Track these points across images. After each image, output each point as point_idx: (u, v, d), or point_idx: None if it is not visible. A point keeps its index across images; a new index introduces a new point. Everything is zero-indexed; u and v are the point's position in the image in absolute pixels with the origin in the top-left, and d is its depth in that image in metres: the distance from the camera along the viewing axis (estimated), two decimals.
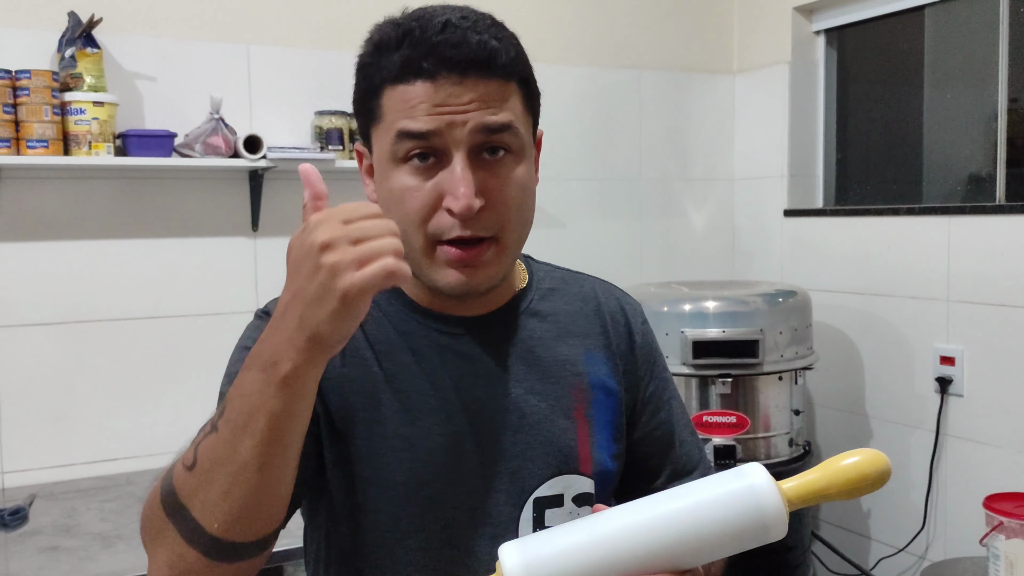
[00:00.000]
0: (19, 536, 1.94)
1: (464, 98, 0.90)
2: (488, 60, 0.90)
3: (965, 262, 2.50)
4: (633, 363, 1.09)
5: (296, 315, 0.73)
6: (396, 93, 0.92)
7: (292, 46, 2.58)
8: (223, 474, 0.76)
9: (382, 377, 0.98)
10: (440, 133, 0.90)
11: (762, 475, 0.80)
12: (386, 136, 0.93)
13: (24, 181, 2.28)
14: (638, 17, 3.13)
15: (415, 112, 0.90)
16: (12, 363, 2.28)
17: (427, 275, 0.95)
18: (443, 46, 0.89)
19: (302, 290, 0.73)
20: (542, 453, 0.99)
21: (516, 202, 0.94)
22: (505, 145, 0.93)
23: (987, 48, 2.59)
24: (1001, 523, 2.00)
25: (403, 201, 0.92)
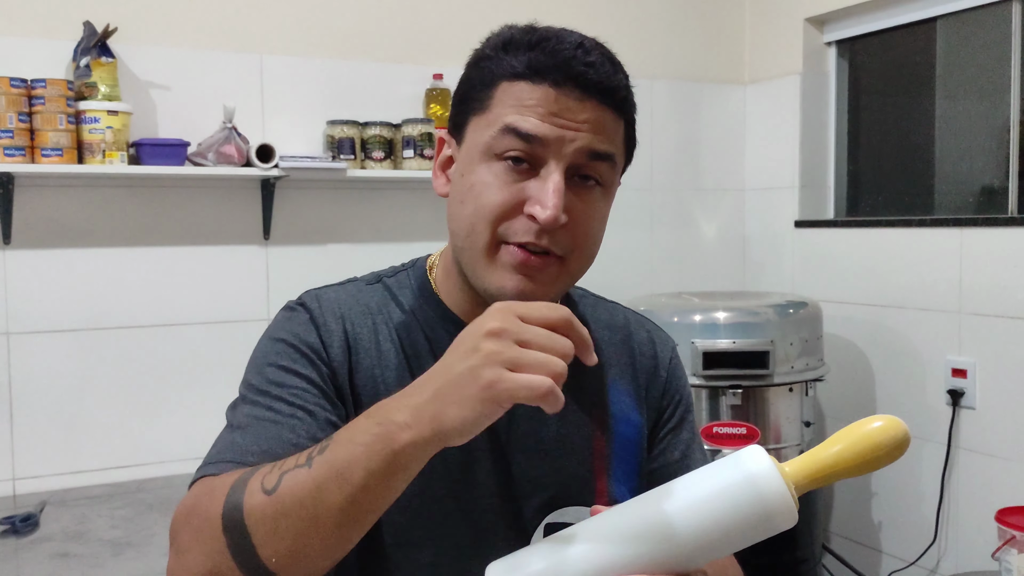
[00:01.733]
0: (30, 542, 1.94)
1: (580, 116, 0.89)
2: (613, 90, 0.91)
3: (977, 274, 2.49)
4: (656, 397, 1.07)
5: (434, 387, 0.72)
6: (514, 88, 0.90)
7: (305, 56, 2.60)
8: (301, 515, 0.73)
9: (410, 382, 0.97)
10: (546, 142, 0.88)
11: (762, 461, 0.71)
12: (488, 128, 0.91)
13: (38, 189, 2.30)
14: (650, 27, 3.14)
15: (528, 112, 0.89)
16: (24, 370, 2.30)
17: (482, 276, 0.92)
18: (576, 61, 0.89)
19: (451, 365, 0.72)
20: (556, 481, 0.97)
21: (593, 232, 0.93)
22: (599, 175, 0.92)
23: (999, 60, 2.58)
24: (1013, 537, 1.99)
25: (483, 194, 0.90)
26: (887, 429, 0.72)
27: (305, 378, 0.92)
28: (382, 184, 2.68)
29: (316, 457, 0.75)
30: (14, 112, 2.14)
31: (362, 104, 2.63)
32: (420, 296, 1.02)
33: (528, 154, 0.89)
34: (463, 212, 0.92)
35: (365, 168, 2.58)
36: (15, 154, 2.14)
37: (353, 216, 2.66)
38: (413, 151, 2.57)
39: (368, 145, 2.58)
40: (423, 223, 2.74)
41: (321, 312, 0.98)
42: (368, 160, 2.58)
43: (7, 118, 2.13)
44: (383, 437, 0.72)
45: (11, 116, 2.13)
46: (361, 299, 1.01)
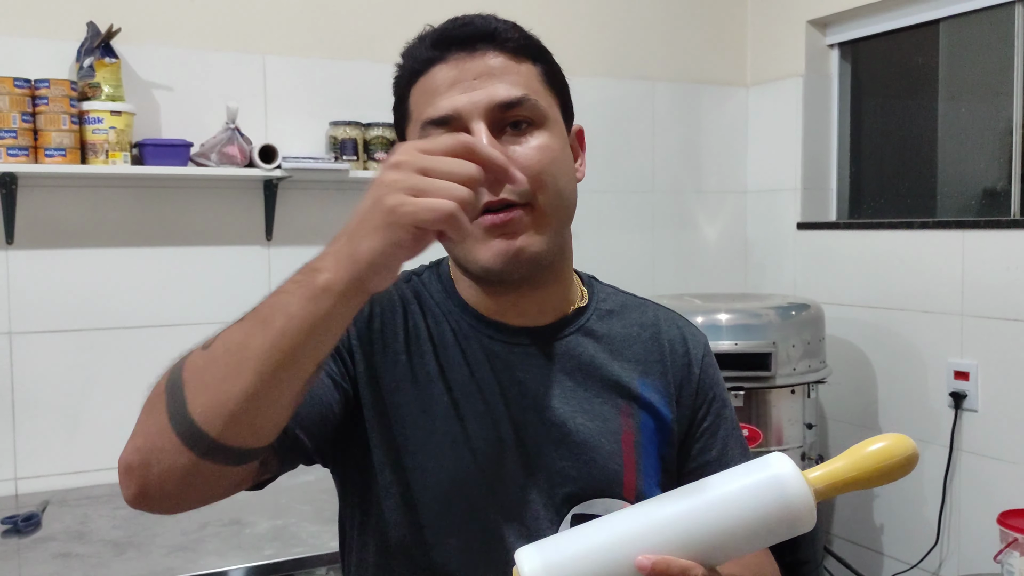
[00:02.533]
0: (32, 542, 1.95)
1: (475, 70, 0.93)
2: (494, 34, 0.95)
3: (979, 276, 2.49)
4: (690, 394, 1.07)
5: (348, 230, 0.74)
6: (418, 87, 0.96)
7: (308, 57, 2.60)
8: (226, 361, 0.75)
9: (437, 371, 0.98)
10: (458, 114, 0.91)
11: (787, 464, 0.77)
12: (414, 132, 0.96)
13: (41, 189, 2.30)
14: (652, 29, 3.14)
15: (435, 97, 0.93)
16: (27, 369, 2.30)
17: (471, 256, 0.94)
18: (451, 29, 0.95)
19: (360, 207, 0.74)
20: (584, 473, 0.98)
21: (544, 166, 0.93)
22: (525, 119, 0.94)
23: (1002, 62, 2.58)
24: (1016, 540, 1.98)
25: None
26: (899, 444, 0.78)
27: None
28: None
29: (249, 312, 0.77)
30: (17, 112, 2.14)
31: (365, 105, 2.63)
32: (445, 292, 1.04)
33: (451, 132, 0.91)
34: None
35: (368, 169, 2.58)
36: (18, 154, 2.15)
37: None
38: None
39: (371, 146, 2.58)
40: None
41: None
42: (371, 161, 2.59)
43: (11, 118, 2.13)
44: (303, 283, 0.73)
45: (15, 116, 2.14)
46: (393, 293, 1.03)
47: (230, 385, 0.74)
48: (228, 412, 0.74)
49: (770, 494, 0.76)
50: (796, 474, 0.76)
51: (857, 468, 0.77)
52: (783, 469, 0.76)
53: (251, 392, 0.73)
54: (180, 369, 0.77)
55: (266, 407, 0.75)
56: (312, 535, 1.95)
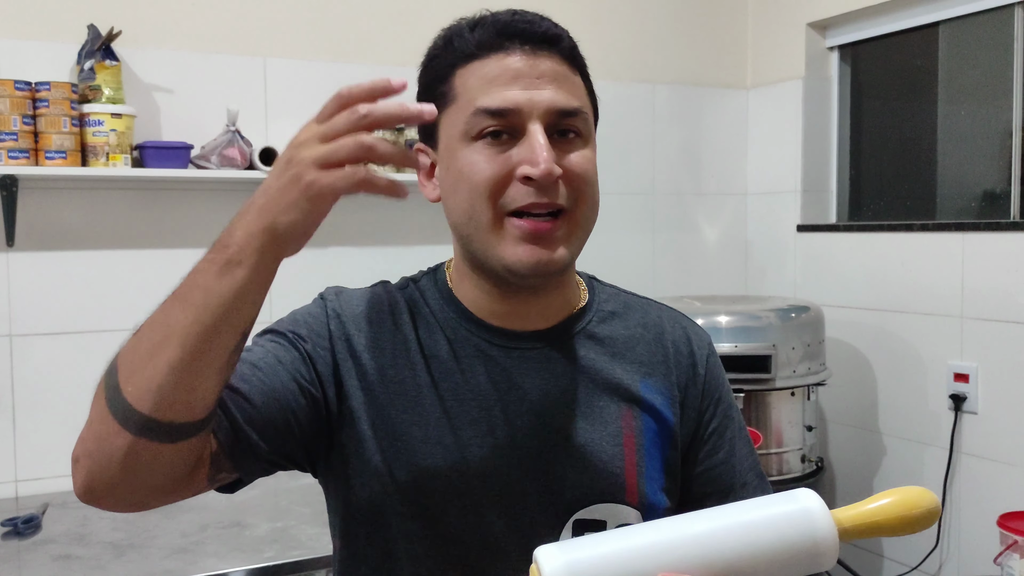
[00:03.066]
0: (32, 544, 1.95)
1: (536, 71, 0.92)
2: (557, 39, 0.95)
3: (979, 279, 2.49)
4: (695, 396, 1.06)
5: (258, 205, 0.76)
6: (470, 70, 0.94)
7: (308, 59, 2.60)
8: (151, 338, 0.77)
9: (428, 382, 0.97)
10: (517, 110, 0.90)
11: (815, 500, 0.78)
12: (459, 116, 0.93)
13: (42, 191, 2.30)
14: (652, 31, 3.14)
15: (491, 87, 0.91)
16: (27, 372, 2.30)
17: (495, 253, 0.93)
18: (516, 23, 0.94)
19: (269, 184, 0.76)
20: (586, 478, 0.97)
21: (589, 178, 0.95)
22: (576, 129, 0.94)
23: (1002, 64, 2.59)
24: (1016, 542, 1.99)
25: (473, 173, 0.92)
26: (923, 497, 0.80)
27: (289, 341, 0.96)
28: None
29: (169, 294, 0.80)
30: (18, 115, 2.14)
31: None
32: (441, 298, 1.03)
33: (505, 126, 0.91)
34: (459, 199, 0.94)
35: None
36: (19, 156, 2.15)
37: (355, 219, 2.67)
38: None
39: None
40: (424, 226, 2.74)
41: (338, 303, 1.02)
42: (370, 164, 2.58)
43: (11, 120, 2.13)
44: (216, 260, 0.76)
45: (15, 118, 2.14)
46: (385, 301, 1.03)
47: (156, 360, 0.76)
48: (156, 386, 0.76)
49: (797, 527, 0.76)
50: (825, 511, 0.77)
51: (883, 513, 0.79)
52: (811, 504, 0.77)
53: (176, 364, 0.75)
54: (115, 356, 0.81)
55: (193, 378, 0.77)
56: (312, 537, 1.95)
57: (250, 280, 0.76)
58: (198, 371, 0.77)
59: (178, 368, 0.75)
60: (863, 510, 0.79)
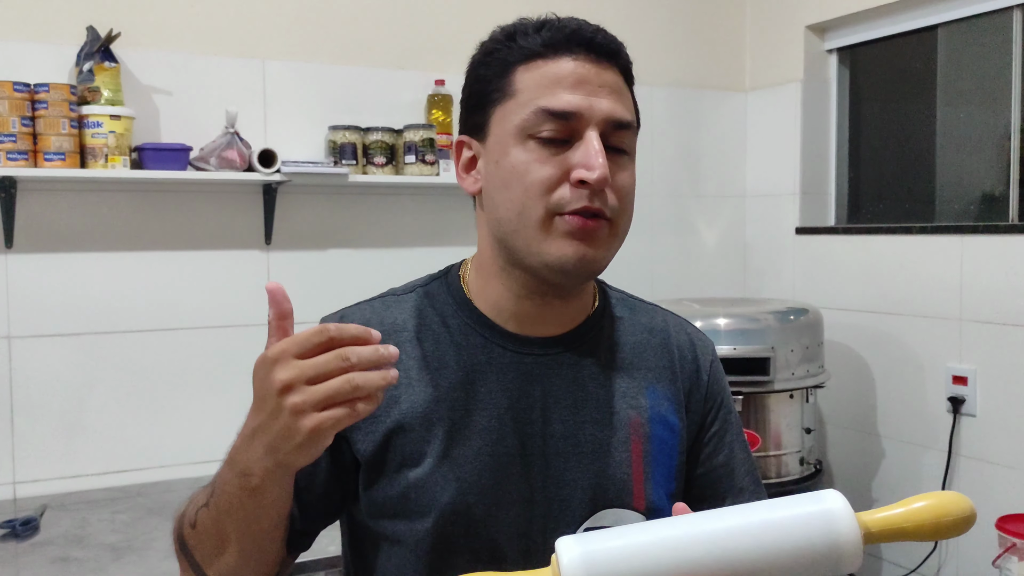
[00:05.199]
0: (30, 546, 1.94)
1: (599, 81, 0.94)
2: (619, 52, 0.98)
3: (978, 281, 2.49)
4: (699, 400, 1.07)
5: (263, 444, 0.79)
6: (534, 69, 0.95)
7: (307, 61, 2.60)
8: (215, 542, 0.89)
9: (434, 396, 0.97)
10: (579, 114, 0.92)
11: (840, 502, 0.77)
12: (517, 112, 0.94)
13: (41, 193, 2.30)
14: (651, 34, 3.14)
15: (556, 89, 0.93)
16: (26, 374, 2.30)
17: (539, 250, 0.94)
18: (584, 30, 0.96)
19: (267, 426, 0.78)
20: (594, 484, 0.98)
21: (630, 194, 0.97)
22: (624, 145, 0.96)
23: (1000, 67, 2.59)
24: (1014, 544, 1.99)
25: (527, 172, 0.93)
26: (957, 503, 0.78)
27: None
28: (384, 189, 2.68)
29: (212, 500, 0.88)
30: (17, 116, 2.14)
31: (364, 109, 2.63)
32: (453, 303, 1.03)
33: (563, 129, 0.92)
34: (509, 195, 0.94)
35: (367, 173, 2.58)
36: (18, 158, 2.15)
37: (355, 221, 2.67)
38: (415, 156, 2.58)
39: (370, 150, 2.58)
40: (424, 228, 2.75)
41: None
42: (370, 165, 2.59)
43: (10, 122, 2.13)
44: (243, 487, 0.83)
45: (14, 120, 2.14)
46: (388, 315, 1.03)
47: (225, 556, 0.89)
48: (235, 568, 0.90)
49: (819, 528, 0.75)
50: (848, 512, 0.75)
51: (911, 519, 0.77)
52: (836, 505, 0.76)
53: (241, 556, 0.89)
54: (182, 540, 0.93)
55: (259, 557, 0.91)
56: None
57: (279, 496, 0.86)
58: (261, 553, 0.91)
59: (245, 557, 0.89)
60: (890, 514, 0.77)
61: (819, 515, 0.75)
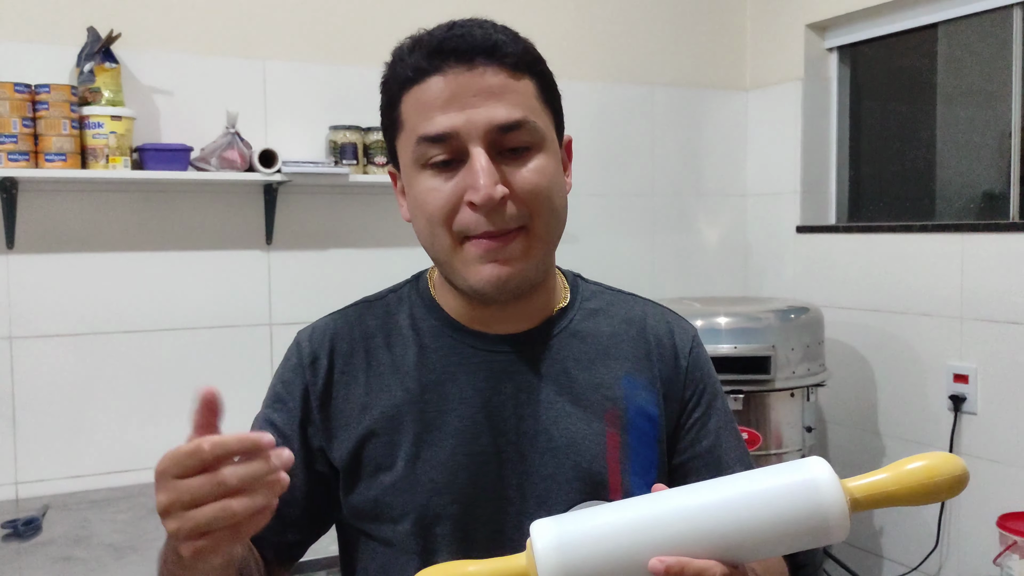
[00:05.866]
0: (32, 546, 1.95)
1: (473, 88, 0.90)
2: (493, 48, 0.91)
3: (979, 280, 2.49)
4: (677, 387, 1.05)
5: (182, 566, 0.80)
6: (411, 96, 0.93)
7: (307, 61, 2.60)
8: None
9: (405, 399, 0.98)
10: (456, 134, 0.89)
11: (824, 469, 0.73)
12: (408, 144, 0.94)
13: (42, 194, 2.30)
14: (651, 33, 3.14)
15: (431, 112, 0.90)
16: (27, 374, 2.30)
17: (462, 277, 0.94)
18: (449, 40, 0.91)
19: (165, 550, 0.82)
20: (571, 477, 0.97)
21: (541, 190, 0.93)
22: (523, 144, 0.92)
23: (1001, 65, 2.59)
24: (1015, 543, 1.99)
25: (428, 202, 0.92)
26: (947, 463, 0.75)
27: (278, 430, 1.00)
28: (384, 189, 2.68)
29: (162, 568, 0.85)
30: (18, 117, 2.14)
31: (365, 109, 2.63)
32: (422, 306, 1.04)
33: (449, 151, 0.91)
34: (420, 226, 0.96)
35: (367, 173, 2.59)
36: (19, 159, 2.15)
37: (355, 221, 2.67)
38: None
39: (371, 150, 2.59)
40: None
41: (311, 349, 1.03)
42: (370, 165, 2.59)
43: (11, 123, 2.14)
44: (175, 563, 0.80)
45: (15, 121, 2.14)
46: (363, 322, 1.04)
47: None
48: None
49: (802, 497, 0.72)
50: (833, 479, 0.73)
51: (899, 482, 0.74)
52: (820, 473, 0.73)
53: None
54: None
55: None
56: None
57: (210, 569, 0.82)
58: None
59: None
60: (878, 479, 0.75)
61: (802, 484, 0.73)
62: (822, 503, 0.72)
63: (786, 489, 0.73)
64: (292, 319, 2.55)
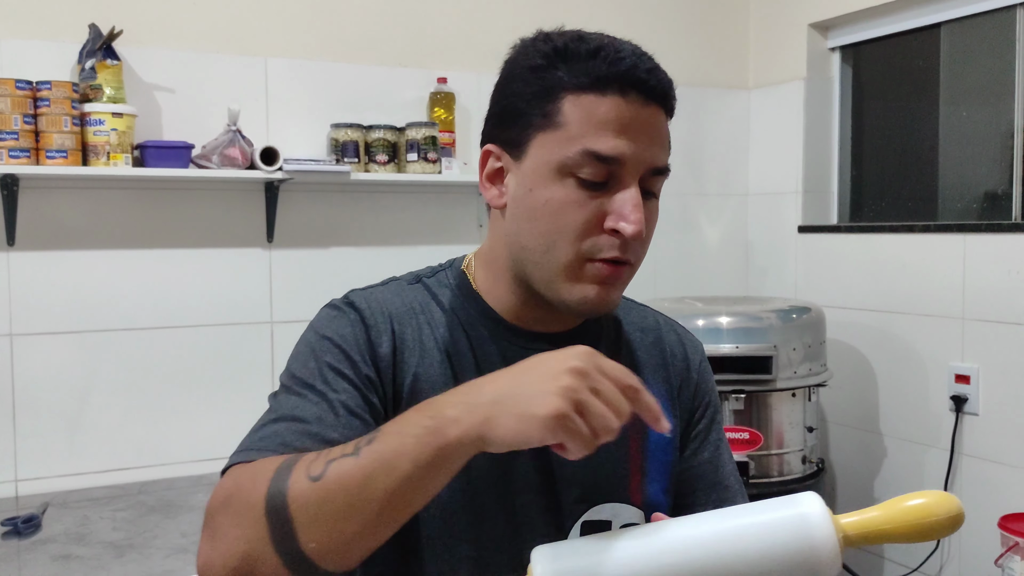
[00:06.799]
0: (32, 544, 1.95)
1: (646, 126, 0.92)
2: (668, 94, 0.94)
3: (981, 280, 2.49)
4: (688, 398, 1.09)
5: (497, 391, 0.75)
6: (584, 102, 0.90)
7: (309, 59, 2.60)
8: (345, 501, 0.74)
9: (452, 380, 0.97)
10: (623, 161, 0.90)
11: (816, 505, 0.74)
12: (562, 147, 0.91)
13: (43, 191, 2.30)
14: (654, 32, 3.14)
15: (605, 131, 0.89)
16: (27, 371, 2.30)
17: (561, 290, 0.94)
18: (638, 69, 0.91)
19: (522, 381, 0.74)
20: (593, 478, 0.98)
21: (652, 235, 0.99)
22: (656, 191, 0.97)
23: (1003, 66, 2.58)
24: (1016, 544, 1.98)
25: (563, 213, 0.91)
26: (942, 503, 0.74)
27: (349, 380, 0.92)
28: (386, 187, 2.68)
29: (364, 447, 0.76)
30: (19, 114, 2.14)
31: (366, 107, 2.63)
32: (460, 295, 1.02)
33: (605, 174, 0.91)
34: (537, 229, 0.93)
35: (369, 171, 2.58)
36: (20, 156, 2.15)
37: (357, 219, 2.67)
38: (417, 154, 2.58)
39: (372, 148, 2.58)
40: (426, 226, 2.74)
41: (371, 312, 0.97)
42: (372, 163, 2.59)
43: (12, 120, 2.13)
44: (433, 430, 0.74)
45: (16, 118, 2.14)
46: (406, 299, 1.01)
47: (347, 524, 0.75)
48: (343, 548, 0.76)
49: (794, 533, 0.72)
50: (825, 516, 0.73)
51: (892, 521, 0.74)
52: (812, 509, 0.73)
53: (369, 531, 0.76)
54: (283, 497, 0.76)
55: (378, 540, 0.77)
56: None
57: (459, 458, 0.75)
58: (387, 533, 0.77)
59: (371, 534, 0.76)
60: (871, 517, 0.74)
61: (794, 519, 0.73)
62: (813, 539, 0.72)
63: (778, 524, 0.73)
64: (293, 317, 2.55)
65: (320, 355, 0.93)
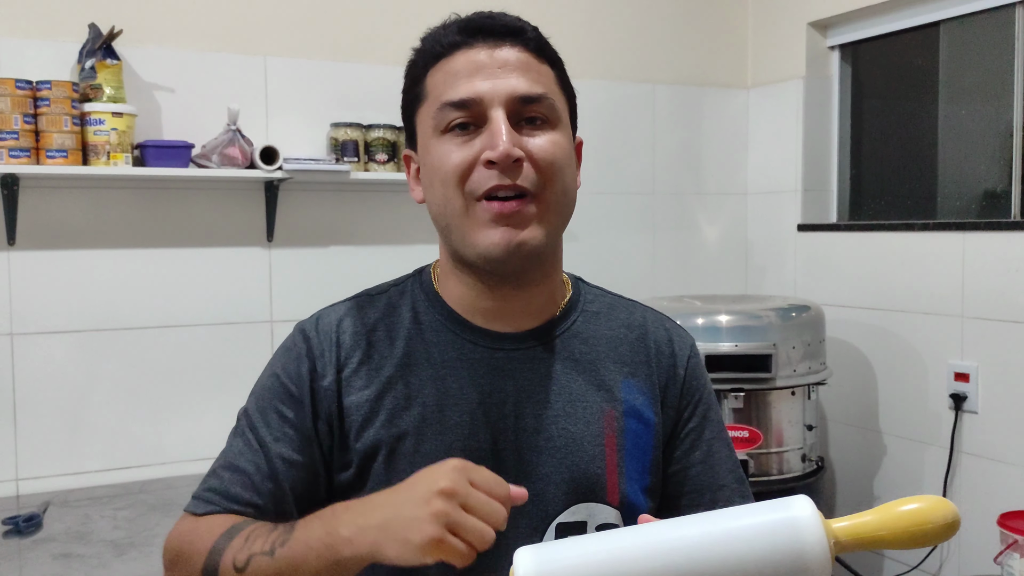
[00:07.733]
0: (33, 543, 1.95)
1: (500, 61, 0.95)
2: (520, 30, 0.98)
3: (980, 278, 2.49)
4: (674, 395, 1.07)
5: (383, 517, 0.80)
6: (438, 69, 0.97)
7: (309, 58, 2.60)
8: None
9: (405, 393, 0.98)
10: (479, 99, 0.93)
11: (807, 508, 0.72)
12: (429, 113, 0.97)
13: (43, 190, 2.30)
14: (653, 31, 3.14)
15: (456, 81, 0.94)
16: (28, 370, 2.30)
17: (470, 241, 0.95)
18: (478, 19, 0.98)
19: (402, 506, 0.79)
20: (567, 478, 0.98)
21: (555, 160, 0.96)
22: (542, 116, 0.96)
23: (1002, 64, 2.59)
24: (1016, 541, 1.99)
25: (443, 164, 0.95)
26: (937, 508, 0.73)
27: (291, 424, 0.98)
28: (385, 186, 2.68)
29: (278, 549, 0.85)
30: (19, 113, 2.14)
31: (366, 106, 2.63)
32: (426, 301, 1.04)
33: (469, 117, 0.94)
34: (434, 191, 0.97)
35: (368, 170, 2.59)
36: (20, 155, 2.15)
37: (356, 218, 2.67)
38: None
39: (371, 147, 2.59)
40: (426, 225, 2.73)
41: (318, 340, 1.01)
42: (371, 163, 2.59)
43: (12, 119, 2.14)
44: (329, 546, 0.82)
45: (16, 117, 2.14)
46: (365, 315, 1.03)
47: None
48: None
49: (783, 537, 0.71)
50: (815, 520, 0.71)
51: (886, 527, 0.72)
52: (802, 513, 0.71)
53: None
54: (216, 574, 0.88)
55: None
56: None
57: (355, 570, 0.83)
58: None
59: None
60: (862, 522, 0.73)
61: (784, 523, 0.71)
62: (803, 544, 0.70)
63: (770, 527, 0.72)
64: (293, 316, 2.54)
65: (270, 398, 1.00)
